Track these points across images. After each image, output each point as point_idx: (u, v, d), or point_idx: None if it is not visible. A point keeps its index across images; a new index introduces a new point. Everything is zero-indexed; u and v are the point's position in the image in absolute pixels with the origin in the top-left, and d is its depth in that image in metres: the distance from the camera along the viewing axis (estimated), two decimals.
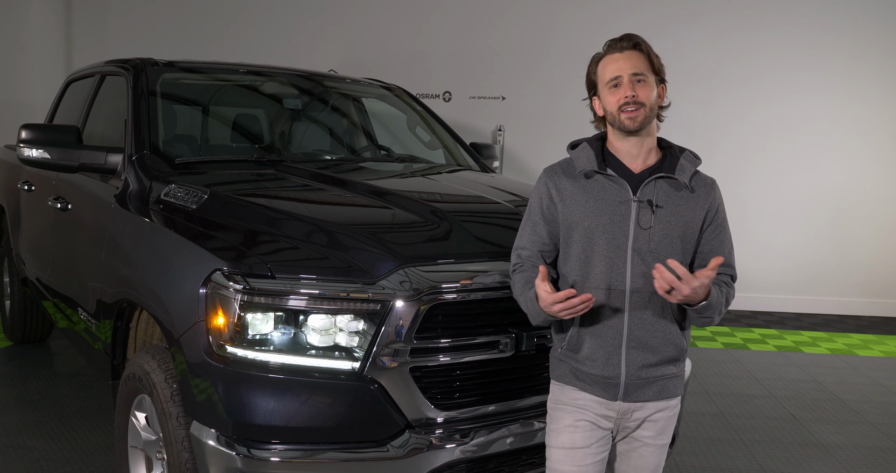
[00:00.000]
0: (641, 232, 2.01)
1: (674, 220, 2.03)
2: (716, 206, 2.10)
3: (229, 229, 2.57)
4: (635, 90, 2.01)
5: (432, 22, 7.57)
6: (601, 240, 2.02)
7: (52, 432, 3.84)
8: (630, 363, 2.03)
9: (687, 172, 2.06)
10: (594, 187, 2.06)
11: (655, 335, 2.04)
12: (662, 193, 2.03)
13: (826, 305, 7.39)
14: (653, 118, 2.05)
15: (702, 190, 2.08)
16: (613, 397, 2.05)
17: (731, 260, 2.13)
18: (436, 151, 4.28)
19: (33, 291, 4.57)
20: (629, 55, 2.04)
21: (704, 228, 2.08)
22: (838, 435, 4.18)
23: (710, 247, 2.09)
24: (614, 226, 2.02)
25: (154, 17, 7.96)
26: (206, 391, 2.22)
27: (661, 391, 2.08)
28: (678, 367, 2.11)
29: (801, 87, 7.17)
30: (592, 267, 2.03)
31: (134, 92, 3.47)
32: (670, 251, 2.02)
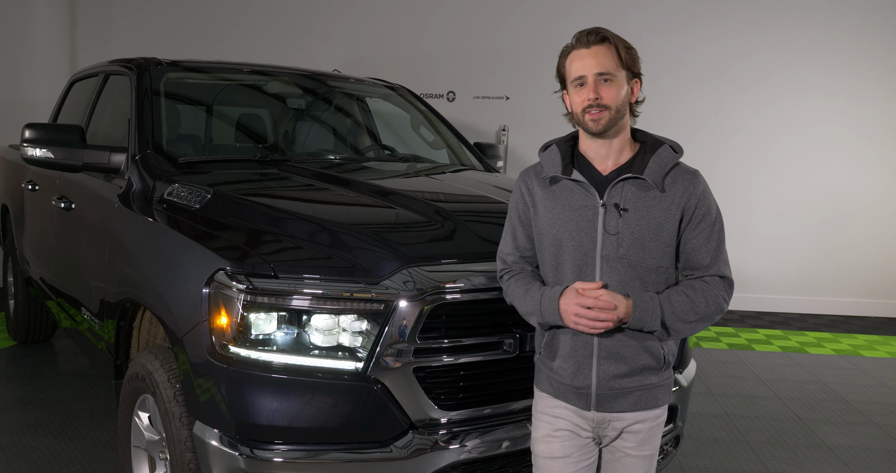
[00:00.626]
0: (609, 238, 1.91)
1: (644, 223, 1.91)
2: (695, 201, 1.93)
3: (232, 228, 2.56)
4: (599, 92, 1.89)
5: (436, 22, 7.56)
6: (569, 247, 1.94)
7: (56, 431, 3.84)
8: (601, 373, 1.95)
9: (661, 169, 1.93)
10: (561, 192, 1.98)
11: (628, 345, 1.94)
12: (630, 195, 1.92)
13: (831, 305, 7.37)
14: (620, 119, 1.93)
15: (678, 186, 1.93)
16: (586, 406, 1.98)
17: (717, 259, 1.96)
18: (440, 150, 4.27)
19: (37, 290, 4.58)
20: (595, 52, 1.91)
21: (684, 226, 1.94)
22: (843, 436, 4.16)
23: (693, 246, 1.96)
24: (581, 232, 1.93)
25: (158, 16, 7.96)
26: (209, 391, 2.22)
27: (638, 401, 1.98)
28: (660, 377, 2.00)
29: (808, 88, 7.15)
30: (563, 275, 1.97)
31: (137, 92, 3.47)
32: (643, 256, 1.91)
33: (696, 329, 1.95)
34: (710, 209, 1.95)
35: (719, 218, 1.98)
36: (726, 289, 1.98)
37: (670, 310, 1.89)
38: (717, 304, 1.94)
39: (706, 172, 2.12)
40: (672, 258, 1.96)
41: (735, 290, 2.04)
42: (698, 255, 1.95)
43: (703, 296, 1.92)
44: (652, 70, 7.76)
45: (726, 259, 2.00)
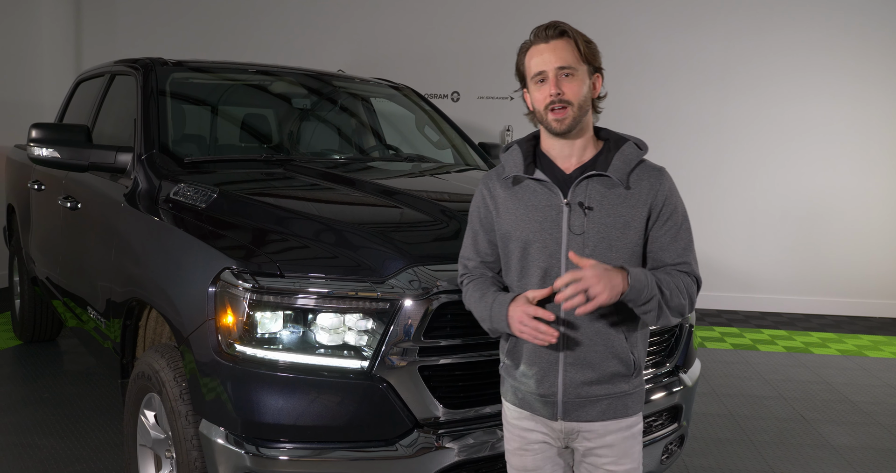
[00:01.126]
0: (574, 238, 1.84)
1: (610, 222, 1.85)
2: (662, 198, 1.87)
3: (238, 228, 2.57)
4: (561, 87, 1.82)
5: (441, 22, 7.57)
6: (534, 249, 1.88)
7: (62, 430, 3.86)
8: (568, 380, 1.88)
9: (625, 166, 1.87)
10: (524, 193, 1.92)
11: (595, 350, 1.87)
12: (595, 193, 1.86)
13: (836, 306, 7.36)
14: (583, 116, 1.86)
15: (644, 183, 1.87)
16: (552, 416, 1.91)
17: (687, 257, 1.90)
18: (444, 150, 4.28)
19: (43, 290, 4.59)
20: (555, 46, 1.85)
21: (651, 224, 1.88)
22: (848, 437, 4.16)
23: (660, 244, 1.89)
24: (545, 233, 1.86)
25: (163, 17, 7.99)
26: (215, 389, 2.23)
27: (608, 410, 1.90)
28: (631, 384, 1.92)
29: (812, 88, 7.14)
30: (529, 278, 1.90)
31: (143, 92, 3.49)
32: (610, 256, 1.84)
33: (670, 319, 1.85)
34: (677, 207, 1.90)
35: (686, 216, 1.93)
36: (694, 286, 1.91)
37: (664, 284, 1.82)
38: (689, 297, 1.88)
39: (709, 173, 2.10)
40: (640, 258, 1.90)
41: (740, 290, 2.00)
42: (666, 254, 1.89)
43: (678, 284, 1.85)
44: (656, 71, 7.81)
45: (695, 257, 1.94)
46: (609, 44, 7.62)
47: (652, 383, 2.72)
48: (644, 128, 7.27)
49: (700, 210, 7.33)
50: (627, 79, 7.30)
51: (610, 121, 6.51)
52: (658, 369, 2.78)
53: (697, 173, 7.29)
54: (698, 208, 7.33)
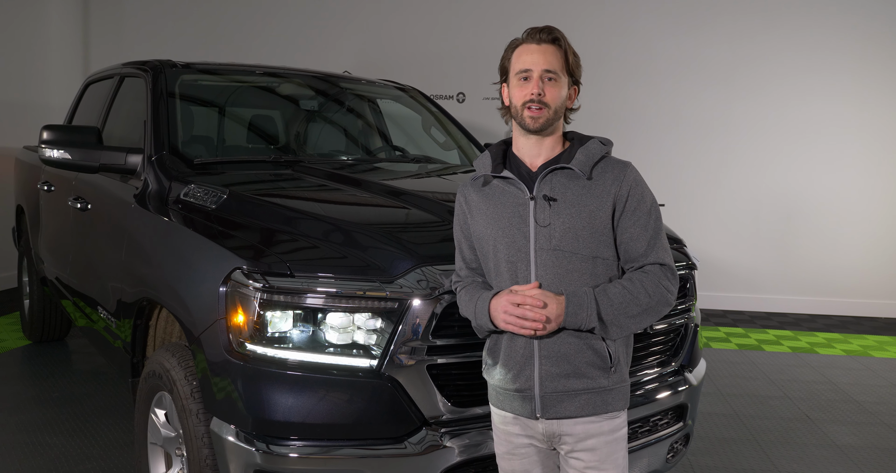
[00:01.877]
0: (541, 230, 1.89)
1: (575, 212, 1.89)
2: (626, 190, 1.92)
3: (248, 228, 2.60)
4: (543, 89, 1.90)
5: (447, 23, 7.60)
6: (502, 245, 1.93)
7: (72, 429, 3.89)
8: (544, 373, 1.89)
9: (588, 160, 1.92)
10: (494, 192, 1.98)
11: (568, 342, 1.88)
12: (559, 185, 1.91)
13: (842, 306, 7.36)
14: (556, 120, 1.94)
15: (607, 176, 1.92)
16: (531, 414, 1.92)
17: (654, 247, 1.92)
18: (450, 151, 4.30)
19: (52, 290, 4.63)
20: (545, 49, 1.92)
21: (618, 216, 1.92)
22: (853, 436, 4.17)
23: (630, 235, 1.92)
24: (513, 228, 1.92)
25: (170, 19, 8.03)
26: (225, 388, 2.25)
27: (586, 405, 1.90)
28: (611, 379, 1.92)
29: (818, 89, 7.14)
30: (501, 274, 1.95)
31: (153, 93, 3.52)
32: (577, 245, 1.88)
33: (642, 323, 1.90)
34: (643, 198, 1.94)
35: (655, 207, 1.96)
36: (668, 278, 1.93)
37: (607, 303, 1.85)
38: (661, 294, 1.90)
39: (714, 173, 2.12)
40: (611, 249, 1.93)
41: (745, 291, 2.02)
42: (636, 244, 1.92)
43: (643, 286, 1.88)
44: (661, 71, 7.81)
45: (666, 247, 1.96)
46: (615, 45, 7.65)
47: (657, 382, 2.74)
48: (650, 128, 7.28)
49: (706, 211, 7.34)
50: (633, 79, 7.31)
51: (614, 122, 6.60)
52: (663, 368, 2.80)
53: (703, 174, 7.30)
54: (704, 208, 7.34)
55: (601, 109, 7.16)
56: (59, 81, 7.67)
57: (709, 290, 6.96)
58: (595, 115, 7.31)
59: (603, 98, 7.21)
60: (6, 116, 7.11)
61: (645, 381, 2.71)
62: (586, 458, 1.94)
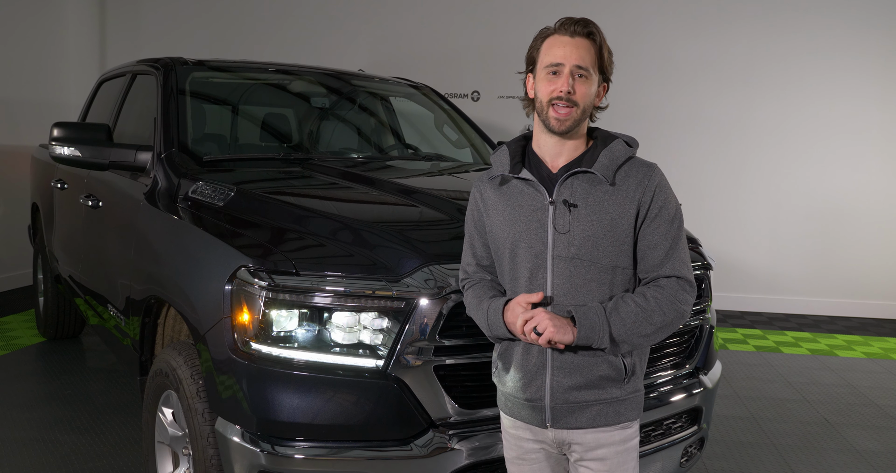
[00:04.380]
0: (560, 237, 1.78)
1: (597, 219, 1.78)
2: (650, 195, 1.80)
3: (255, 226, 2.58)
4: (573, 86, 1.78)
5: (461, 21, 7.56)
6: (521, 250, 1.83)
7: (83, 427, 3.89)
8: (555, 385, 1.82)
9: (612, 163, 1.81)
10: (512, 193, 1.88)
11: (583, 355, 1.80)
12: (580, 190, 1.80)
13: (862, 308, 7.24)
14: (583, 121, 1.83)
15: (631, 180, 1.81)
16: (541, 423, 1.85)
17: (672, 257, 1.81)
18: (463, 149, 4.26)
19: (66, 288, 4.64)
20: (579, 43, 1.79)
21: (640, 223, 1.81)
22: (873, 441, 4.08)
23: (648, 243, 1.81)
24: (531, 233, 1.82)
25: (186, 17, 8.05)
26: (230, 387, 2.23)
27: (598, 417, 1.83)
28: (623, 390, 1.84)
29: (837, 89, 7.03)
30: (518, 280, 1.86)
31: (163, 91, 3.51)
32: (597, 254, 1.78)
33: (655, 340, 1.81)
34: (666, 204, 1.82)
35: (678, 215, 1.85)
36: (685, 291, 1.81)
37: (619, 323, 1.75)
38: (675, 309, 1.79)
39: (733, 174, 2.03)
40: (630, 257, 1.83)
41: (763, 292, 1.93)
42: (653, 252, 1.81)
43: (658, 304, 1.78)
44: (679, 72, 7.74)
45: (684, 258, 1.84)
46: (632, 45, 7.58)
47: (671, 384, 2.68)
48: (667, 130, 7.20)
49: (724, 211, 7.25)
50: (651, 81, 7.24)
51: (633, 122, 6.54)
52: (677, 370, 2.74)
53: (721, 175, 7.21)
54: (722, 209, 7.26)
55: (618, 110, 7.06)
56: (75, 80, 7.71)
57: (726, 291, 6.87)
58: (612, 115, 7.24)
59: (620, 99, 7.10)
60: (23, 114, 7.16)
61: (659, 384, 2.66)
62: (596, 467, 1.88)
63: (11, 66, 6.99)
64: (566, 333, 1.73)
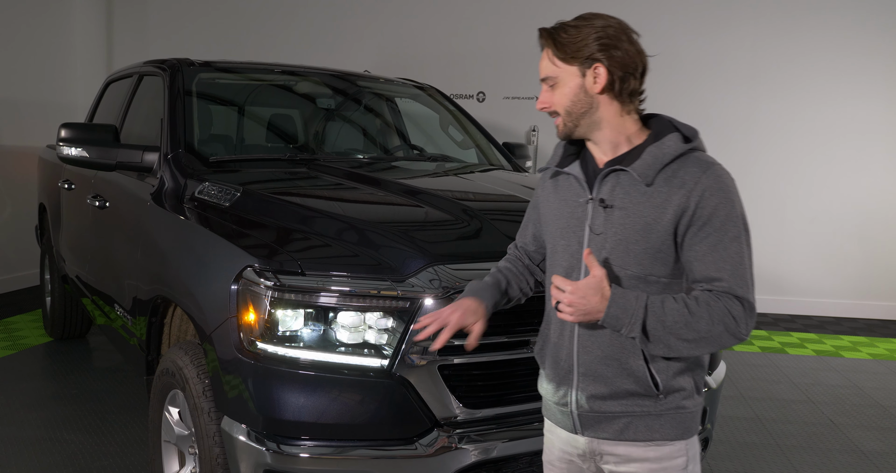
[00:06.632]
0: (595, 238, 1.67)
1: (629, 223, 1.63)
2: (696, 199, 1.59)
3: (261, 226, 2.59)
4: (547, 99, 1.71)
5: (467, 22, 7.57)
6: (560, 247, 1.76)
7: (90, 426, 3.91)
8: (581, 390, 1.71)
9: (655, 161, 1.63)
10: (562, 186, 1.80)
11: (607, 364, 1.68)
12: (619, 189, 1.66)
13: (867, 309, 7.22)
14: (582, 118, 1.68)
15: (676, 181, 1.61)
16: (572, 429, 1.76)
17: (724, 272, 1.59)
18: (468, 150, 4.27)
19: (73, 288, 4.66)
20: (542, 56, 1.71)
21: (683, 230, 1.61)
22: (879, 442, 4.08)
23: (694, 254, 1.61)
24: (569, 231, 1.73)
25: (193, 18, 8.08)
26: (236, 386, 2.24)
27: (626, 429, 1.69)
28: (658, 404, 1.68)
29: (843, 90, 7.01)
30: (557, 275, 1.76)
31: (170, 92, 3.52)
32: (627, 261, 1.64)
33: (696, 351, 1.61)
34: (717, 210, 1.59)
35: (735, 223, 1.61)
36: (745, 312, 1.58)
37: (657, 317, 1.58)
38: (725, 325, 1.57)
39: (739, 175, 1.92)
40: (670, 268, 1.66)
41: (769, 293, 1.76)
42: (700, 266, 1.60)
43: (709, 311, 1.57)
44: (684, 72, 7.72)
45: (743, 275, 1.60)
46: None
47: None
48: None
49: None
50: (655, 81, 7.16)
51: None
52: None
53: None
54: None
55: None
56: (82, 80, 7.74)
57: None
58: None
59: None
60: (31, 115, 7.20)
61: None
62: None
63: (18, 66, 7.02)
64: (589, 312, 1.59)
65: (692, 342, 1.59)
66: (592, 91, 1.67)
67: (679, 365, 1.68)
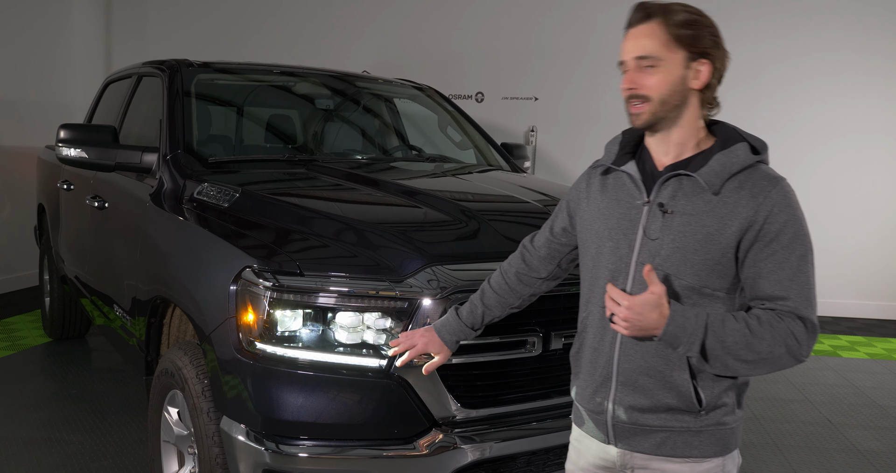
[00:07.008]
0: (648, 243, 1.60)
1: (689, 230, 1.56)
2: (765, 214, 1.53)
3: (260, 227, 2.60)
4: (638, 80, 1.59)
5: (465, 23, 7.58)
6: (607, 249, 1.67)
7: (89, 426, 3.92)
8: (619, 401, 1.65)
9: (724, 170, 1.56)
10: (613, 185, 1.71)
11: (650, 375, 1.61)
12: (681, 195, 1.58)
13: (866, 309, 7.24)
14: (671, 111, 1.60)
15: (744, 193, 1.54)
16: (605, 439, 1.70)
17: (790, 291, 1.53)
18: (467, 151, 4.28)
19: (72, 288, 4.67)
20: (638, 32, 1.60)
21: (748, 245, 1.54)
22: (876, 441, 4.09)
23: (759, 271, 1.54)
24: (620, 233, 1.64)
25: (192, 18, 8.09)
26: (235, 386, 2.25)
27: (663, 445, 1.62)
28: (699, 420, 1.61)
29: (844, 91, 7.02)
30: (597, 280, 1.69)
31: (169, 93, 3.53)
32: (683, 271, 1.56)
33: (753, 372, 1.55)
34: (785, 227, 1.53)
35: (801, 241, 1.55)
36: (807, 334, 1.53)
37: (717, 337, 1.51)
38: (787, 346, 1.51)
39: None
40: (728, 281, 1.58)
41: None
42: (765, 283, 1.54)
43: (771, 332, 1.51)
44: None
45: (808, 295, 1.55)
46: None
47: None
48: None
49: None
50: None
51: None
52: None
53: None
54: None
55: (622, 111, 7.06)
56: (81, 81, 7.74)
57: None
58: (611, 116, 7.26)
59: (621, 100, 7.15)
60: (29, 115, 7.20)
61: None
62: None
63: (17, 67, 7.02)
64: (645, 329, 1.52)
65: (750, 364, 1.53)
66: (691, 86, 1.60)
67: (726, 381, 1.62)
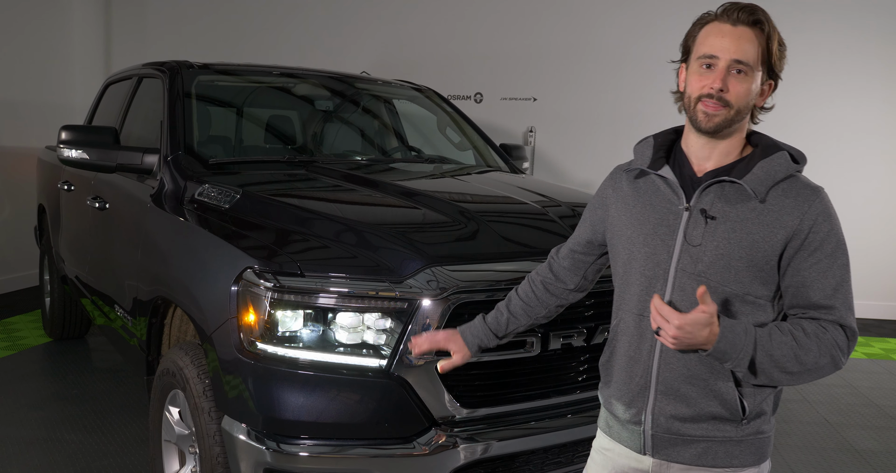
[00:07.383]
0: (689, 249, 1.56)
1: (735, 237, 1.53)
2: (809, 223, 1.53)
3: (261, 228, 2.62)
4: (727, 83, 1.54)
5: (464, 24, 7.59)
6: (641, 255, 1.62)
7: (90, 426, 3.93)
8: (658, 410, 1.61)
9: (768, 178, 1.54)
10: (647, 189, 1.66)
11: (693, 384, 1.57)
12: (724, 201, 1.55)
13: (863, 309, 7.25)
14: (738, 122, 1.58)
15: (788, 201, 1.54)
16: (640, 449, 1.65)
17: (836, 301, 1.54)
18: (465, 152, 4.30)
19: (72, 288, 4.68)
20: (741, 34, 1.55)
21: (791, 253, 1.53)
22: (873, 441, 4.11)
23: (803, 280, 1.53)
24: (657, 239, 1.60)
25: (192, 19, 8.10)
26: (236, 386, 2.27)
27: (704, 455, 1.59)
28: (740, 429, 1.59)
29: (842, 91, 7.04)
30: (629, 286, 1.66)
31: (169, 94, 3.55)
32: (726, 278, 1.53)
33: (794, 381, 1.54)
34: (828, 237, 1.54)
35: (842, 250, 1.56)
36: (848, 341, 1.54)
37: (766, 351, 1.49)
38: (831, 356, 1.51)
39: None
40: (768, 288, 1.56)
41: None
42: (810, 292, 1.53)
43: (817, 344, 1.51)
44: None
45: (849, 304, 1.56)
46: (633, 47, 7.58)
47: None
48: None
49: None
50: (654, 83, 7.25)
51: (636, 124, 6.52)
52: None
53: None
54: None
55: (621, 112, 7.13)
56: (81, 82, 7.76)
57: None
58: (611, 117, 7.28)
59: (623, 100, 7.18)
60: (29, 116, 7.21)
61: None
62: None
63: (17, 68, 7.04)
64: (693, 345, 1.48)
65: (795, 375, 1.52)
66: (755, 101, 1.61)
67: (767, 390, 1.61)
